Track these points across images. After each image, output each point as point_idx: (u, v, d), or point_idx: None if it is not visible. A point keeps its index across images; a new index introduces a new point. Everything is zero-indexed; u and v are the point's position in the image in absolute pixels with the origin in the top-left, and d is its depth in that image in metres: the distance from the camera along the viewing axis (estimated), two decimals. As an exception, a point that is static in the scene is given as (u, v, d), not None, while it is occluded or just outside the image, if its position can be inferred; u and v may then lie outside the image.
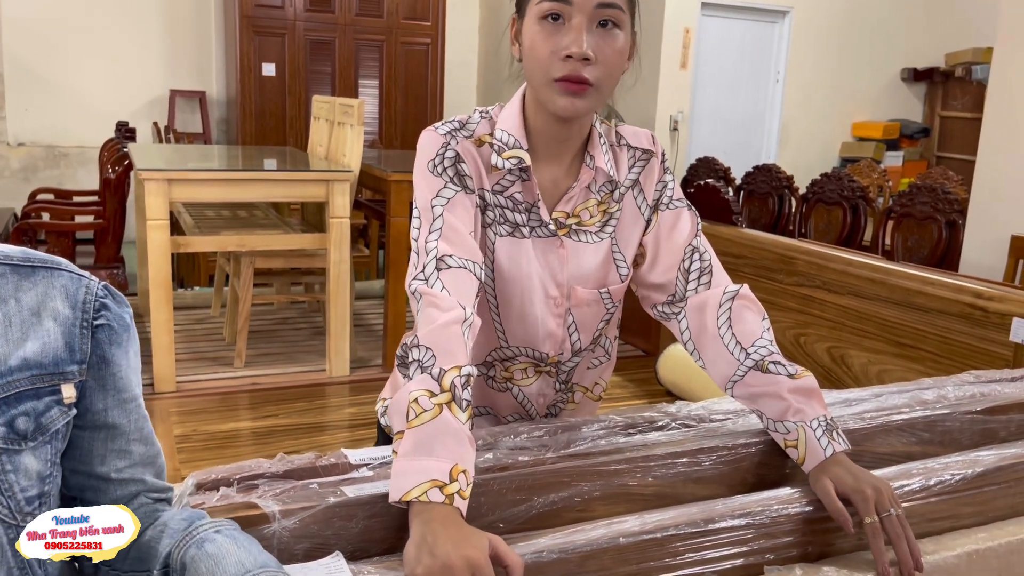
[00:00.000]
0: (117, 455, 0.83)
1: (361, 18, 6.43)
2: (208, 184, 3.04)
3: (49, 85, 6.24)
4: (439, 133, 1.10)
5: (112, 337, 0.80)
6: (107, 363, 0.80)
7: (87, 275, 0.81)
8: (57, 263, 0.79)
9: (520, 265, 1.11)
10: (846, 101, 6.53)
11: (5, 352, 0.74)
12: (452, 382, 0.91)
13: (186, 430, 2.59)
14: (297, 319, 3.88)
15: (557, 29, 1.03)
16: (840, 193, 3.82)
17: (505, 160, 1.09)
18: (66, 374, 0.77)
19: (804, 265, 2.82)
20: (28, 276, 0.77)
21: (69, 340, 0.77)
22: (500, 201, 1.11)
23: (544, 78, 1.04)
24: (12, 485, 0.73)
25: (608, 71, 1.04)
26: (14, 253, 0.78)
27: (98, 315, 0.79)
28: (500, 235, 1.11)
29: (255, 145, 6.06)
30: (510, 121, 1.11)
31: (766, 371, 1.08)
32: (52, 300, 0.77)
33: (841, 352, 2.70)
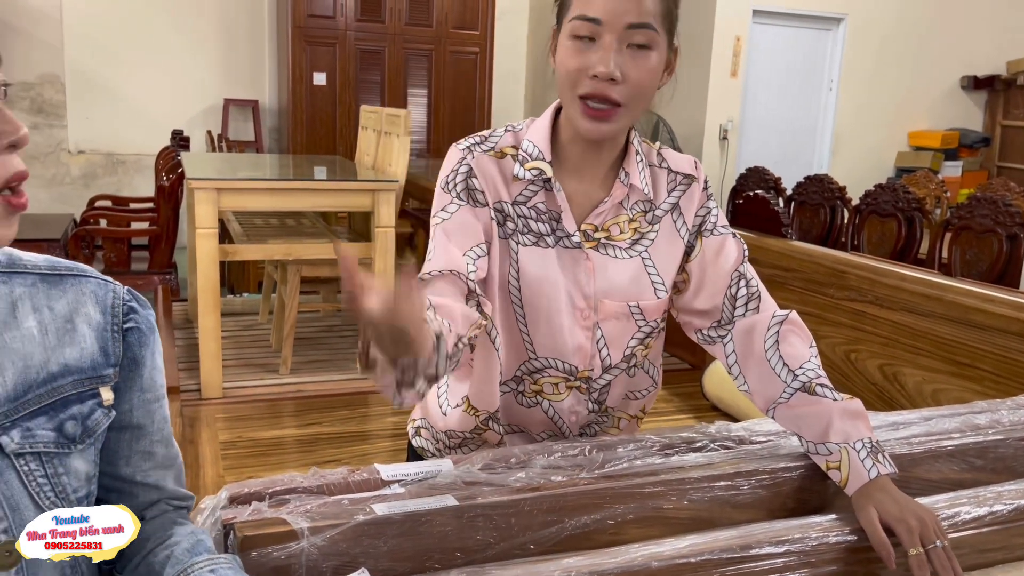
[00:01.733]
0: (141, 456, 0.85)
1: (411, 27, 6.49)
2: (256, 193, 3.09)
3: (109, 94, 6.43)
4: (459, 148, 1.11)
5: (141, 339, 0.83)
6: (136, 364, 0.83)
7: (111, 280, 0.83)
8: (83, 270, 0.82)
9: (546, 274, 1.10)
10: (902, 110, 6.38)
11: (44, 359, 0.76)
12: None
13: (231, 436, 2.63)
14: (342, 327, 3.91)
15: (587, 47, 1.02)
16: (895, 205, 3.72)
17: (526, 171, 1.08)
18: (103, 377, 0.80)
19: (856, 279, 2.75)
20: (57, 284, 0.79)
21: (103, 344, 0.80)
22: (523, 211, 1.10)
23: (571, 94, 1.04)
24: (65, 487, 0.76)
25: (637, 91, 1.03)
26: (40, 262, 0.80)
27: (127, 319, 0.82)
28: (524, 244, 1.10)
29: (305, 154, 6.15)
30: (538, 133, 1.11)
31: (812, 393, 1.06)
32: (84, 306, 0.80)
33: (894, 370, 2.63)
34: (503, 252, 1.10)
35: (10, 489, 0.73)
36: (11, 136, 0.69)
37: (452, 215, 1.07)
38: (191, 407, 2.84)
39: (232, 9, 6.67)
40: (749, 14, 5.62)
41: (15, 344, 0.75)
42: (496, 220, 1.10)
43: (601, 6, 1.00)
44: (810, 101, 6.17)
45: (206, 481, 2.30)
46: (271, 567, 0.86)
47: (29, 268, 0.79)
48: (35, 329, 0.76)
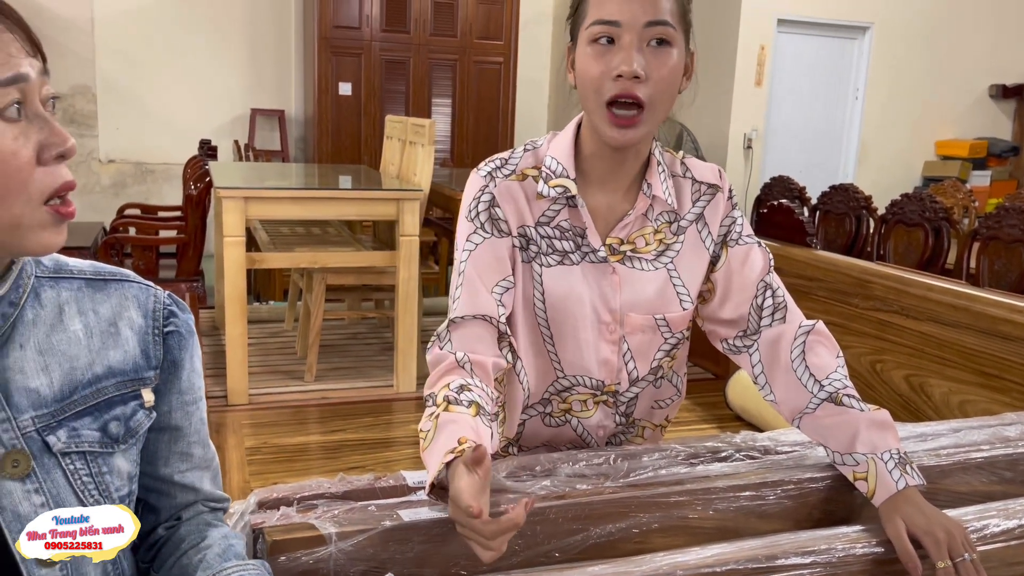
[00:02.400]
0: (179, 457, 0.88)
1: (435, 38, 6.53)
2: (283, 202, 3.12)
3: (138, 105, 6.52)
4: (480, 175, 1.12)
5: (181, 342, 0.85)
6: (175, 367, 0.85)
7: (152, 285, 0.86)
8: (125, 275, 0.85)
9: (571, 291, 1.11)
10: (930, 118, 6.32)
11: (89, 361, 0.79)
12: (444, 396, 0.96)
13: (257, 442, 2.65)
14: (367, 334, 3.94)
15: (608, 50, 1.02)
16: (922, 214, 3.69)
17: (551, 188, 1.08)
18: (145, 379, 0.82)
19: (881, 289, 2.73)
20: (101, 289, 0.82)
21: (145, 347, 0.83)
22: (547, 232, 1.10)
23: (596, 100, 1.04)
24: (108, 486, 0.79)
25: (661, 89, 1.03)
26: (85, 267, 0.83)
27: (168, 322, 0.84)
28: (548, 266, 1.11)
29: (330, 163, 6.20)
30: (561, 149, 1.11)
31: (839, 404, 1.06)
32: (127, 310, 0.82)
33: (920, 380, 2.60)
34: (526, 276, 1.11)
35: (56, 487, 0.75)
36: (59, 148, 0.71)
37: (477, 247, 1.09)
38: (218, 413, 2.87)
39: (259, 21, 6.75)
40: (773, 23, 5.60)
41: (62, 346, 0.77)
42: (519, 246, 1.10)
43: (617, 7, 1.01)
44: (835, 110, 6.13)
45: (232, 486, 2.33)
46: (299, 571, 0.87)
47: (75, 273, 0.81)
48: (81, 332, 0.79)
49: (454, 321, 1.06)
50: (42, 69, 0.72)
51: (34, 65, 0.71)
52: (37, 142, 0.70)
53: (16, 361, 0.75)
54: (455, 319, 1.06)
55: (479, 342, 1.04)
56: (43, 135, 0.71)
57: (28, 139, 0.70)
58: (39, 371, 0.76)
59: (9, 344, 0.75)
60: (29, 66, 0.70)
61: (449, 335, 1.05)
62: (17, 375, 0.75)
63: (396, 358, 3.24)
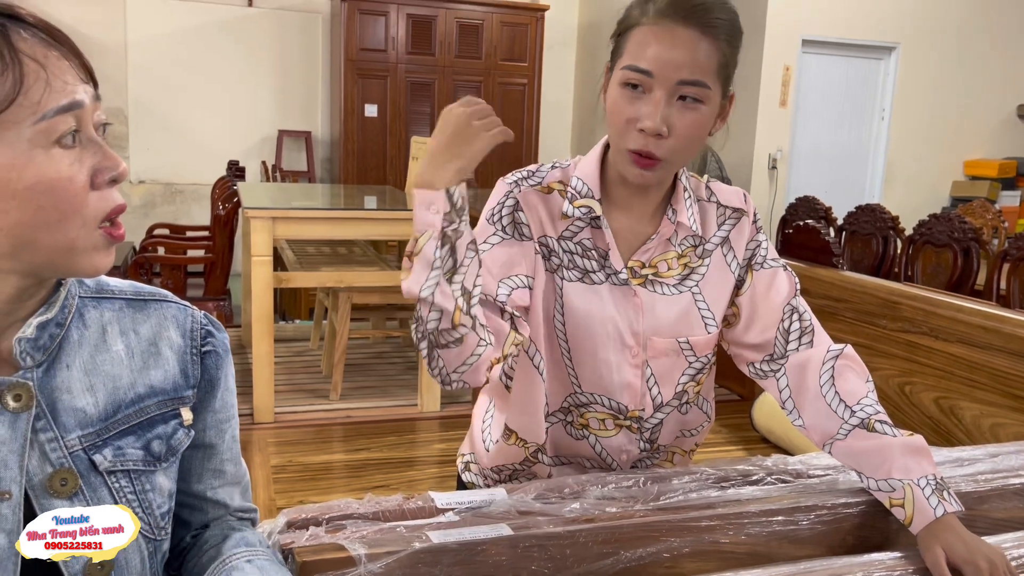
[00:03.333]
0: (212, 474, 0.89)
1: (460, 60, 6.59)
2: (309, 222, 3.15)
3: (169, 127, 6.63)
4: (506, 182, 1.12)
5: (217, 362, 0.86)
6: (212, 386, 0.86)
7: (190, 305, 0.87)
8: (164, 295, 0.86)
9: (592, 310, 1.10)
10: (957, 138, 6.27)
11: (132, 380, 0.80)
12: None
13: (282, 461, 2.66)
14: (392, 353, 3.95)
15: (637, 97, 1.01)
16: (950, 235, 3.65)
17: (576, 208, 1.09)
18: (184, 398, 0.84)
19: (909, 311, 2.70)
20: (141, 309, 0.83)
21: (184, 367, 0.84)
22: (569, 247, 1.10)
23: (618, 143, 1.05)
24: (151, 503, 0.80)
25: (682, 145, 1.02)
26: (125, 287, 0.84)
27: (205, 342, 0.86)
28: (569, 280, 1.10)
29: (356, 184, 6.26)
30: (587, 169, 1.11)
31: (872, 430, 1.04)
32: (166, 330, 0.84)
33: (950, 403, 2.56)
34: (548, 286, 1.10)
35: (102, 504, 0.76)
36: (112, 172, 0.72)
37: (493, 247, 1.08)
38: (244, 431, 2.87)
39: (287, 44, 6.85)
40: (798, 44, 5.60)
41: (105, 366, 0.79)
42: (542, 254, 1.10)
43: (654, 59, 0.99)
44: (861, 130, 6.10)
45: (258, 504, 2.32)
46: (330, 592, 0.87)
47: (116, 293, 0.83)
48: (123, 352, 0.80)
49: None
50: (94, 95, 0.74)
51: (88, 92, 0.72)
52: (91, 167, 0.71)
53: (63, 381, 0.76)
54: None
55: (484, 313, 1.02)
56: (96, 159, 0.72)
57: (83, 164, 0.71)
58: (85, 391, 0.77)
59: (56, 364, 0.76)
60: (84, 93, 0.71)
61: None
62: (64, 395, 0.76)
63: (420, 377, 3.24)
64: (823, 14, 5.60)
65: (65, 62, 0.71)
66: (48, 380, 0.75)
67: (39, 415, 0.74)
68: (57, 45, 0.71)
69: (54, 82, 0.69)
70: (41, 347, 0.75)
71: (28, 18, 0.70)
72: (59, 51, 0.71)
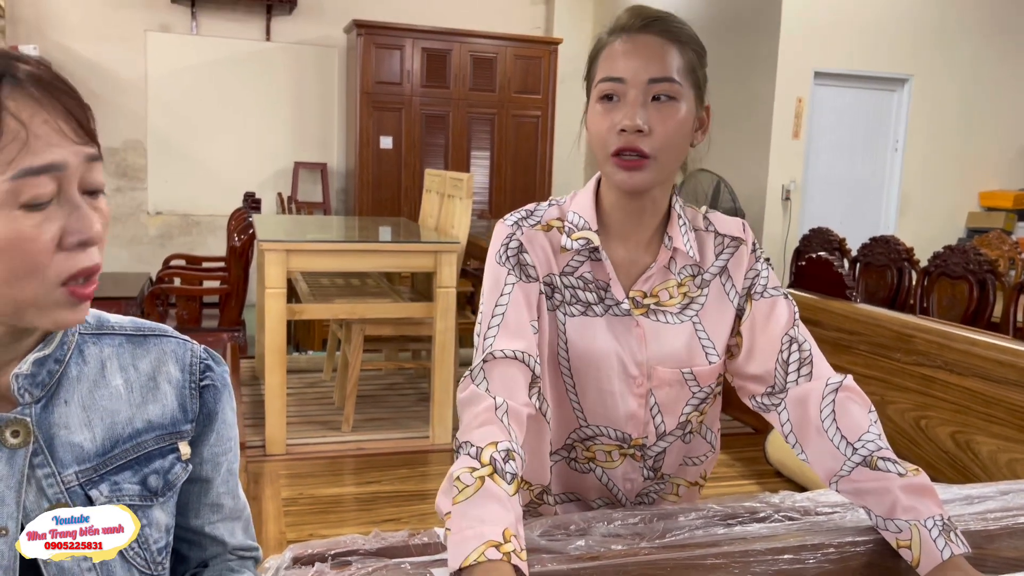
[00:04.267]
0: (209, 508, 0.89)
1: (474, 92, 6.67)
2: (323, 254, 3.18)
3: (186, 159, 6.73)
4: (507, 224, 1.14)
5: (216, 395, 0.87)
6: (209, 420, 0.87)
7: (190, 340, 0.88)
8: (164, 330, 0.87)
9: (594, 343, 1.11)
10: (972, 169, 6.25)
11: (130, 415, 0.81)
12: (491, 456, 0.93)
13: (293, 493, 2.66)
14: (404, 385, 3.96)
15: (613, 107, 1.06)
16: (966, 266, 3.63)
17: (574, 241, 1.10)
18: (182, 433, 0.84)
19: (924, 344, 2.68)
20: (141, 344, 0.84)
21: (182, 401, 0.84)
22: (570, 282, 1.12)
23: (603, 153, 1.07)
24: (147, 538, 0.80)
25: (666, 142, 1.05)
26: (126, 323, 0.85)
27: (204, 376, 0.86)
28: (571, 315, 1.11)
29: (371, 215, 6.31)
30: (583, 204, 1.13)
31: (875, 467, 1.03)
32: (165, 365, 0.84)
33: (967, 438, 2.53)
34: (551, 324, 1.12)
35: None
36: (81, 236, 0.70)
37: (514, 287, 1.09)
38: (256, 463, 2.89)
39: (304, 77, 6.96)
40: (811, 76, 5.62)
41: (103, 402, 0.80)
42: (545, 293, 1.12)
43: (623, 64, 1.05)
44: (875, 161, 6.10)
45: (268, 537, 2.33)
46: (333, 629, 0.87)
47: (116, 329, 0.84)
48: (122, 387, 0.81)
49: (491, 356, 1.04)
50: (89, 156, 0.72)
51: (78, 153, 0.70)
52: (61, 227, 0.70)
53: (61, 417, 0.77)
54: (493, 353, 1.04)
55: (515, 385, 1.03)
56: (69, 221, 0.70)
57: (52, 224, 0.69)
58: (82, 426, 0.78)
59: (54, 400, 0.77)
60: (71, 154, 0.70)
61: (484, 373, 1.03)
62: (62, 430, 0.77)
63: (432, 409, 3.24)
64: (835, 46, 5.63)
65: (55, 122, 0.69)
66: (46, 416, 0.76)
67: (36, 451, 0.75)
68: (51, 103, 0.69)
69: (34, 143, 0.67)
70: (39, 383, 0.76)
71: (24, 72, 0.69)
72: (51, 110, 0.69)
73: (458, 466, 0.93)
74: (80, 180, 0.71)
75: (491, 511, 0.88)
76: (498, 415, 0.98)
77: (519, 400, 1.02)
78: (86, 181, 0.72)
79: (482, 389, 1.02)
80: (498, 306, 1.09)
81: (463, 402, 1.03)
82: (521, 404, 1.02)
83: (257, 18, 6.75)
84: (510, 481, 0.92)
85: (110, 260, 6.54)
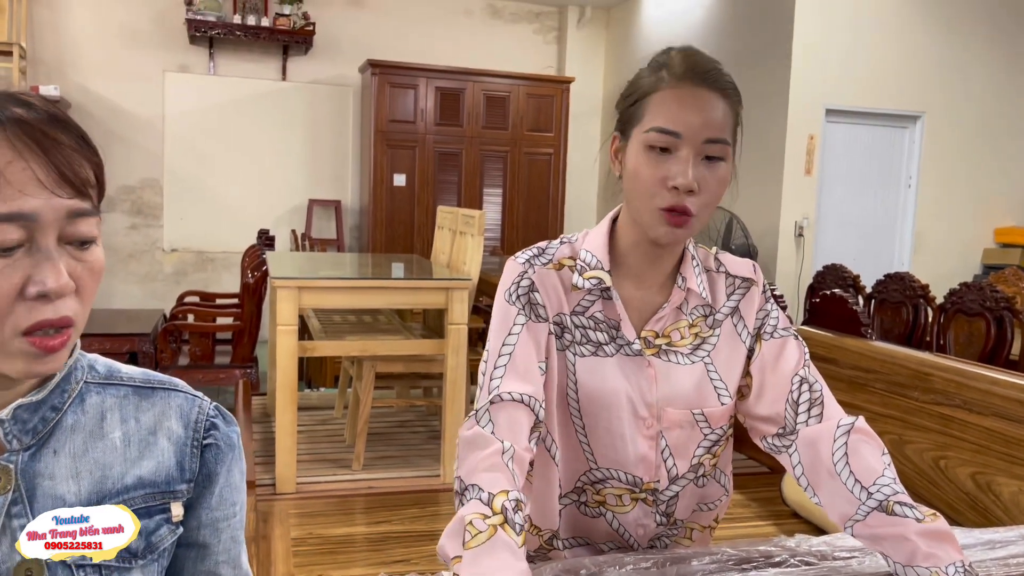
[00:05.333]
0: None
1: (487, 130, 6.72)
2: (334, 291, 3.19)
3: (202, 196, 6.80)
4: (518, 262, 1.13)
5: (218, 456, 0.82)
6: (209, 481, 0.82)
7: (201, 396, 0.84)
8: (174, 384, 0.83)
9: (605, 383, 1.10)
10: (987, 206, 6.22)
11: (122, 471, 0.77)
12: (502, 505, 0.91)
13: (302, 533, 2.63)
14: (415, 422, 3.93)
15: (665, 159, 1.04)
16: (982, 303, 3.59)
17: (585, 280, 1.09)
18: (176, 492, 0.79)
19: (941, 382, 2.64)
20: (147, 397, 0.81)
21: (180, 459, 0.80)
22: (581, 321, 1.11)
23: (648, 205, 1.05)
24: None
25: (709, 201, 1.05)
26: (136, 375, 0.82)
27: (207, 435, 0.82)
28: (582, 355, 1.10)
29: (384, 252, 6.34)
30: (596, 243, 1.12)
31: (891, 513, 1.01)
32: (168, 420, 0.80)
33: (987, 479, 2.48)
34: (561, 365, 1.11)
35: None
36: (40, 287, 0.67)
37: (523, 327, 1.08)
38: (265, 502, 2.87)
39: (319, 116, 7.04)
40: (822, 113, 5.64)
41: (96, 454, 0.76)
42: (555, 333, 1.10)
43: (682, 121, 1.03)
44: (888, 198, 6.08)
45: (277, 578, 2.31)
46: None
47: (124, 380, 0.81)
48: (119, 440, 0.77)
49: (499, 398, 1.03)
50: (73, 210, 0.69)
51: (57, 205, 0.68)
52: (26, 276, 0.67)
53: (47, 467, 0.74)
54: (500, 396, 1.03)
55: (520, 430, 1.02)
56: (35, 271, 0.67)
57: (15, 271, 0.67)
58: (68, 478, 0.74)
59: (43, 449, 0.74)
60: (49, 206, 0.67)
61: (490, 415, 1.02)
62: (46, 481, 0.73)
63: (443, 447, 3.22)
64: (846, 84, 5.65)
65: (33, 171, 0.66)
66: (32, 464, 0.73)
67: (16, 500, 0.72)
68: (33, 152, 0.67)
69: (5, 189, 0.65)
70: (30, 430, 0.73)
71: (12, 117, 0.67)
72: (32, 159, 0.67)
73: (469, 510, 0.92)
74: (61, 231, 0.69)
75: (503, 560, 0.87)
76: (504, 459, 0.97)
77: (522, 445, 1.01)
78: (69, 233, 0.69)
79: (488, 431, 1.01)
80: (505, 345, 1.08)
81: (467, 441, 1.01)
82: (524, 449, 1.01)
83: (274, 58, 6.86)
84: (518, 532, 0.91)
85: (125, 297, 6.60)
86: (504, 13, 7.45)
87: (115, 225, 6.58)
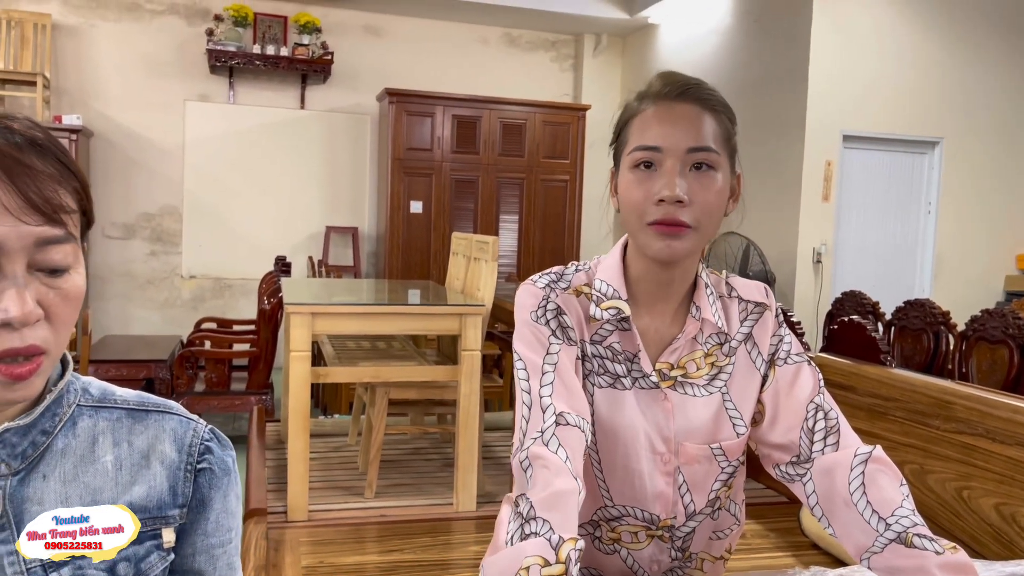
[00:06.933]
0: None
1: (503, 158, 6.75)
2: (348, 317, 3.18)
3: (221, 223, 6.86)
4: (538, 286, 1.10)
5: (212, 481, 0.80)
6: (203, 507, 0.80)
7: (196, 419, 0.83)
8: (169, 407, 0.82)
9: (622, 418, 1.07)
10: (1009, 231, 6.15)
11: (113, 496, 0.75)
12: (568, 555, 0.85)
13: (313, 561, 2.61)
14: (429, 450, 3.90)
15: (650, 176, 1.02)
16: (1005, 330, 3.53)
17: (604, 311, 1.07)
18: (168, 518, 0.78)
19: (963, 411, 2.59)
20: (141, 420, 0.79)
21: (173, 483, 0.78)
22: (599, 351, 1.08)
23: (639, 223, 1.04)
24: None
25: (705, 212, 1.02)
26: (131, 397, 0.81)
27: (201, 459, 0.80)
28: (599, 386, 1.08)
29: (400, 279, 6.35)
30: (610, 272, 1.10)
31: (910, 545, 0.97)
32: (161, 443, 0.79)
33: (1012, 510, 2.42)
34: None
35: None
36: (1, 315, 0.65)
37: (562, 347, 1.04)
38: (277, 530, 2.84)
39: (336, 144, 7.11)
40: (839, 139, 5.62)
41: (87, 479, 0.75)
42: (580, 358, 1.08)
43: (659, 133, 1.01)
44: (907, 224, 6.03)
45: (286, 607, 2.28)
46: None
47: (118, 403, 0.80)
48: (110, 464, 0.76)
49: (564, 420, 0.97)
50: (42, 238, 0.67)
51: (24, 233, 0.66)
52: None
53: (36, 492, 0.72)
54: (565, 416, 0.97)
55: (579, 458, 0.96)
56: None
57: None
58: (57, 503, 0.73)
59: (32, 473, 0.73)
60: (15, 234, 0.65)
61: (559, 439, 0.96)
62: (34, 506, 0.72)
63: (457, 476, 3.19)
64: (863, 109, 5.63)
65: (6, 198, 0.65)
66: (21, 490, 0.72)
67: (3, 526, 0.71)
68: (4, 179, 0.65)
69: None
70: (19, 455, 0.72)
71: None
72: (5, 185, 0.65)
73: (531, 550, 0.85)
74: (31, 259, 0.67)
75: None
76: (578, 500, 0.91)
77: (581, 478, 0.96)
78: (38, 260, 0.68)
79: (561, 457, 0.94)
80: (547, 364, 1.03)
81: (539, 459, 0.94)
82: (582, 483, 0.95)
83: (292, 87, 6.94)
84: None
85: (144, 323, 6.64)
86: (521, 41, 7.51)
87: (135, 252, 6.64)
